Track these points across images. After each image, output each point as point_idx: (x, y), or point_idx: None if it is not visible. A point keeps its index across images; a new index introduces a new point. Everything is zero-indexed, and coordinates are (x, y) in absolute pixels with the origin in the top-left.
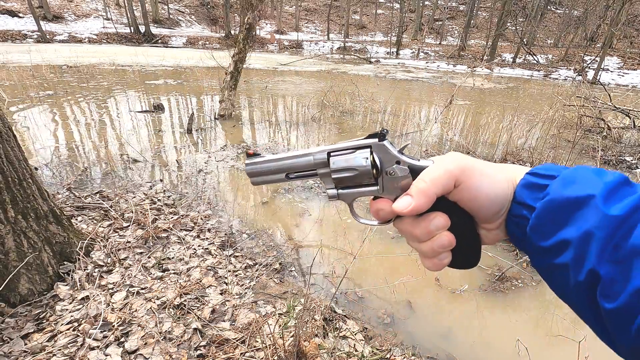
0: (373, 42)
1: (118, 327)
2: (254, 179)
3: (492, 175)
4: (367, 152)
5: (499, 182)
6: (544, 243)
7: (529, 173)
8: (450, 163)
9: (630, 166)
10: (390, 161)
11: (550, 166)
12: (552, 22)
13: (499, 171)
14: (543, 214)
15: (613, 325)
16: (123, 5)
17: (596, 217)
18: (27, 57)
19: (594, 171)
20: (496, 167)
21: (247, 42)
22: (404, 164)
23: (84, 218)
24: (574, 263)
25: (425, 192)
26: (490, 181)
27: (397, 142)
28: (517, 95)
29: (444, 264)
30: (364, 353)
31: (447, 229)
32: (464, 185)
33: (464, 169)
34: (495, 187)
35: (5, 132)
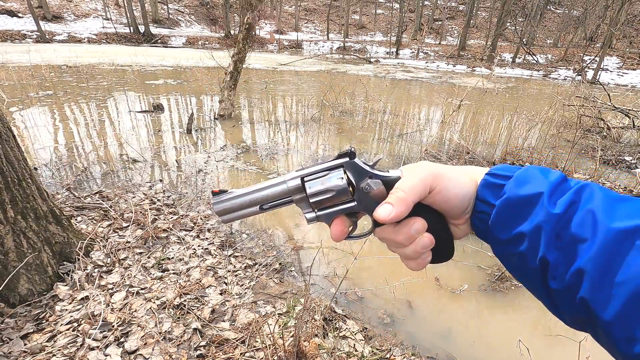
0: (373, 42)
1: (118, 327)
2: (224, 217)
3: (459, 179)
4: (341, 171)
5: (465, 184)
6: (504, 236)
7: (488, 174)
8: (422, 172)
9: (629, 166)
10: (364, 176)
11: (505, 167)
12: (552, 22)
13: (463, 174)
14: (502, 210)
15: (560, 301)
16: (122, 5)
17: (543, 213)
18: (26, 57)
19: (541, 171)
20: (461, 170)
21: (246, 42)
22: (376, 177)
23: (84, 218)
24: (529, 252)
25: (405, 200)
26: (458, 184)
27: (397, 142)
28: (517, 95)
29: (427, 262)
30: (364, 353)
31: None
32: (437, 190)
33: (435, 176)
34: (462, 189)
35: (4, 132)
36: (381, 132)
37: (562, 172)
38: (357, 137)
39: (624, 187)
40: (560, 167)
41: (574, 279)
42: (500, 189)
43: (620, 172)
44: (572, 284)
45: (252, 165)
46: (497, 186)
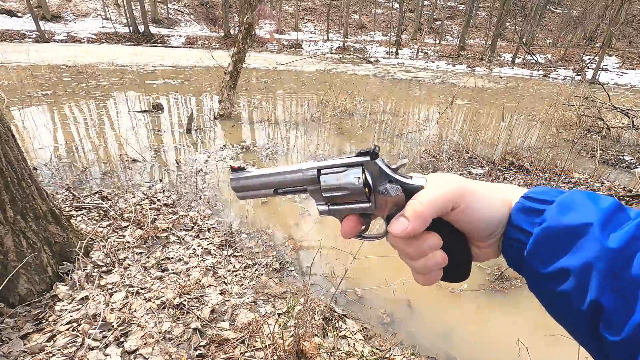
0: (372, 41)
1: (117, 327)
2: (240, 194)
3: (489, 198)
4: (359, 170)
5: (494, 205)
6: (543, 269)
7: (524, 197)
8: (447, 186)
9: (629, 165)
10: (383, 180)
11: (545, 190)
12: (551, 21)
13: (494, 193)
14: (541, 240)
15: (616, 355)
16: (122, 5)
17: (595, 248)
18: (25, 57)
19: (590, 197)
20: (492, 188)
21: (246, 42)
22: (396, 182)
23: (83, 218)
24: (576, 292)
25: (422, 214)
26: (487, 204)
27: (396, 142)
28: (517, 94)
29: (436, 279)
30: (364, 353)
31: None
32: (460, 209)
33: (462, 193)
34: (491, 210)
35: (4, 132)
36: (381, 132)
37: (615, 198)
38: (357, 136)
39: (624, 187)
40: (560, 166)
41: (637, 332)
42: (539, 215)
43: (619, 172)
44: (634, 337)
45: (252, 165)
46: (535, 212)
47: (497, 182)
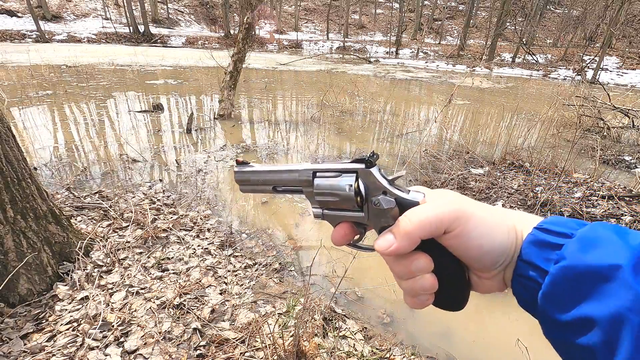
0: (372, 41)
1: (117, 327)
2: (242, 187)
3: (490, 226)
4: (352, 178)
5: (497, 234)
6: (561, 316)
7: (538, 228)
8: (443, 206)
9: (629, 165)
10: (377, 190)
11: (562, 221)
12: (552, 21)
13: (499, 220)
14: (559, 281)
15: None
16: (122, 5)
17: (627, 297)
18: (25, 57)
19: (617, 231)
20: (497, 215)
21: (246, 42)
22: (391, 195)
23: (83, 218)
24: (602, 348)
25: (409, 234)
26: (487, 232)
27: (396, 142)
28: (517, 94)
29: (424, 304)
30: (364, 352)
31: (432, 271)
32: (455, 233)
33: (457, 216)
34: (492, 239)
35: (4, 132)
36: (381, 131)
37: None
38: (357, 137)
39: (624, 187)
40: (560, 167)
41: None
42: (555, 250)
43: (619, 172)
44: None
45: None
46: (551, 246)
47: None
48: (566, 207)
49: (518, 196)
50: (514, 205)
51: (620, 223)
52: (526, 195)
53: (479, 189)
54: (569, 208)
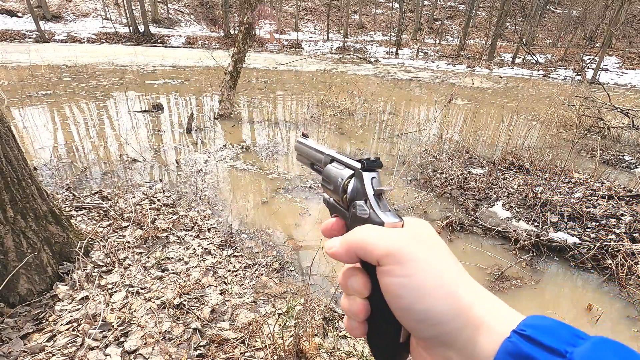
0: (372, 41)
1: (117, 327)
2: (297, 156)
3: (432, 286)
4: (349, 174)
5: (437, 300)
6: None
7: (519, 333)
8: (383, 235)
9: (629, 165)
10: (362, 196)
11: (551, 327)
12: (552, 21)
13: (448, 287)
14: None
15: None
16: (122, 5)
17: None
18: (25, 57)
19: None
20: (450, 280)
21: (246, 42)
22: (369, 206)
23: (83, 218)
24: None
25: (347, 246)
26: (423, 291)
27: (396, 142)
28: (517, 94)
29: (354, 333)
30: (364, 353)
31: (365, 298)
32: (385, 270)
33: (391, 253)
34: (428, 302)
35: (4, 132)
36: (381, 131)
37: None
38: (357, 137)
39: (624, 187)
40: (560, 167)
41: None
42: None
43: (619, 172)
44: None
45: (252, 165)
46: None
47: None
48: (566, 207)
49: (518, 196)
50: (513, 205)
51: (620, 223)
52: (526, 195)
53: (479, 189)
54: (569, 208)
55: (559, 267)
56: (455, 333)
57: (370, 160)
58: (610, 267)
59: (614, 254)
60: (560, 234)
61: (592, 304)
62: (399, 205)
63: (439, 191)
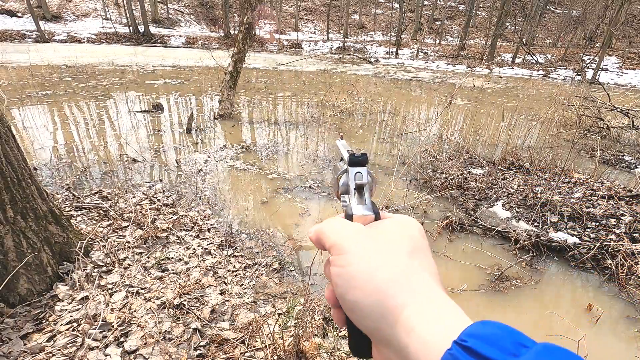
0: (372, 42)
1: (117, 327)
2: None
3: (363, 279)
4: (342, 169)
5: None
6: None
7: (459, 344)
8: (339, 229)
9: (629, 165)
10: (347, 189)
11: (493, 336)
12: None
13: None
14: None
15: None
16: (122, 5)
17: None
18: (25, 57)
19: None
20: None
21: (246, 42)
22: (349, 199)
23: (83, 218)
24: None
25: (315, 233)
26: (354, 282)
27: (396, 142)
28: (517, 95)
29: (335, 321)
30: None
31: None
32: (331, 259)
33: (335, 244)
34: (359, 295)
35: (4, 132)
36: (381, 132)
37: None
38: (357, 137)
39: (624, 187)
40: (560, 167)
41: None
42: None
43: (619, 172)
44: None
45: (252, 165)
46: None
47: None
48: (566, 207)
49: (518, 196)
50: (513, 205)
51: (620, 223)
52: (526, 195)
53: (479, 189)
54: (569, 208)
55: (559, 267)
56: (386, 332)
57: (355, 155)
58: (610, 267)
59: (614, 254)
60: (560, 234)
61: (592, 304)
62: (399, 206)
63: (439, 191)
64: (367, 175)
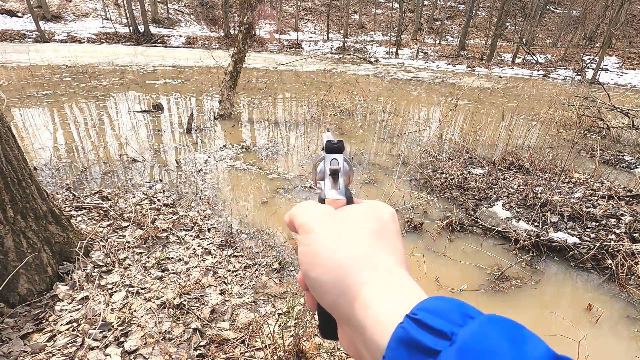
0: (372, 41)
1: (117, 327)
2: None
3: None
4: (320, 157)
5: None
6: None
7: (411, 317)
8: (307, 210)
9: (629, 165)
10: (323, 175)
11: (443, 309)
12: (552, 22)
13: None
14: None
15: None
16: (122, 5)
17: None
18: (25, 57)
19: (510, 337)
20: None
21: (246, 42)
22: (323, 185)
23: (83, 218)
24: None
25: (289, 216)
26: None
27: (396, 142)
28: (517, 95)
29: (307, 302)
30: None
31: None
32: (297, 239)
33: (303, 225)
34: (313, 270)
35: (4, 132)
36: (381, 131)
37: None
38: (357, 137)
39: (624, 187)
40: (560, 167)
41: None
42: (433, 358)
43: (619, 172)
44: None
45: (252, 165)
46: (425, 351)
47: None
48: (566, 207)
49: (518, 196)
50: (513, 205)
51: (620, 223)
52: (526, 195)
53: (479, 189)
54: (569, 208)
55: (559, 267)
56: (346, 309)
57: (331, 142)
58: (610, 267)
59: (614, 254)
60: (560, 234)
61: (592, 304)
62: (400, 206)
63: (439, 192)
64: (343, 162)
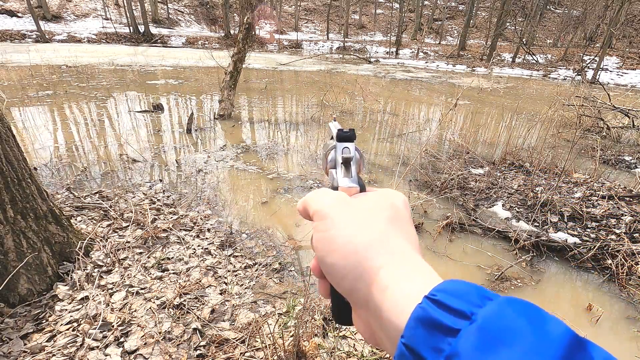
0: (372, 42)
1: (117, 327)
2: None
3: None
4: (331, 145)
5: (338, 254)
6: None
7: (429, 298)
8: (321, 195)
9: (629, 165)
10: (334, 164)
11: (462, 290)
12: (552, 22)
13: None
14: None
15: None
16: (122, 5)
17: None
18: (26, 57)
19: (530, 318)
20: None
21: (246, 42)
22: (336, 173)
23: (84, 218)
24: None
25: (302, 203)
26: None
27: (396, 142)
28: (517, 95)
29: (319, 292)
30: (364, 353)
31: None
32: (313, 226)
33: (318, 209)
34: (337, 257)
35: (4, 132)
36: (381, 131)
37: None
38: (357, 136)
39: (624, 187)
40: (560, 167)
41: None
42: (448, 337)
43: (619, 172)
44: None
45: (252, 165)
46: (444, 330)
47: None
48: (566, 207)
49: (518, 196)
50: (513, 205)
51: (620, 223)
52: (526, 195)
53: (479, 189)
54: (569, 208)
55: (559, 267)
56: (363, 293)
57: (343, 131)
58: (610, 267)
59: (614, 254)
60: (561, 234)
61: (592, 304)
62: None
63: (439, 192)
64: (355, 150)
